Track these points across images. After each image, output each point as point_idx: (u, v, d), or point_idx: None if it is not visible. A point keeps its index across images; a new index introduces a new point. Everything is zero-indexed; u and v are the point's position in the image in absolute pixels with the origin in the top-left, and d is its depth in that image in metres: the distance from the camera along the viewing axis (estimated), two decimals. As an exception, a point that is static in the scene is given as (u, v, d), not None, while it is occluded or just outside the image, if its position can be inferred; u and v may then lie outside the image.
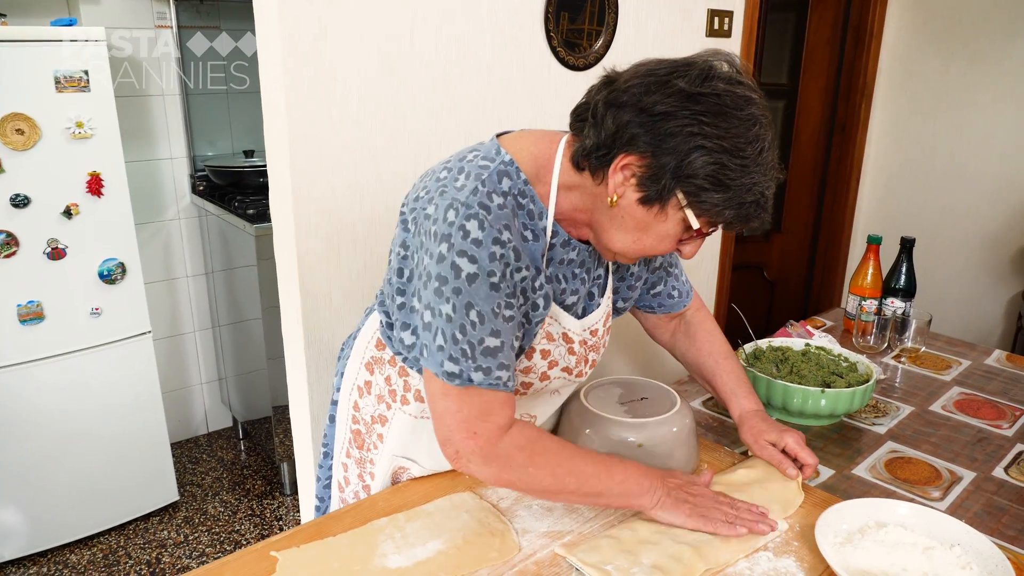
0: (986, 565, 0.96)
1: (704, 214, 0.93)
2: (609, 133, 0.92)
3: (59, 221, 2.28)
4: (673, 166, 0.89)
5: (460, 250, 0.93)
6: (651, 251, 1.00)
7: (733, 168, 0.88)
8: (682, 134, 0.88)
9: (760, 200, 0.92)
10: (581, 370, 1.15)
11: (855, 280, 1.91)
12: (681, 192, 0.91)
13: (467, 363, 0.95)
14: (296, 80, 1.44)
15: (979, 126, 2.94)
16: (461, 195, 0.95)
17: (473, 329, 0.94)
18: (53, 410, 2.41)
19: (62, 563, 2.50)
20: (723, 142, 0.88)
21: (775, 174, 0.93)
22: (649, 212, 0.94)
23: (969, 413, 1.52)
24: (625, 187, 0.94)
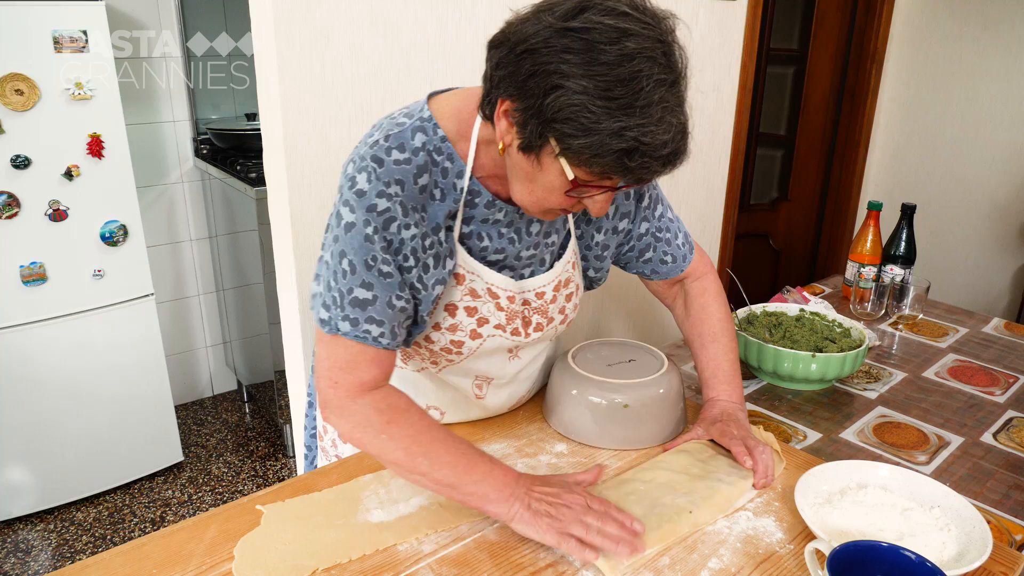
0: (964, 527, 0.96)
1: (578, 163, 0.84)
2: (488, 75, 0.88)
3: (60, 183, 2.29)
4: (536, 108, 0.81)
5: (345, 199, 0.94)
6: (546, 203, 0.92)
7: (595, 110, 0.78)
8: (541, 72, 0.80)
9: (638, 147, 0.80)
10: (517, 328, 1.11)
11: (854, 247, 1.89)
12: (552, 138, 0.83)
13: (336, 311, 0.95)
14: (288, 41, 1.43)
15: (990, 94, 2.89)
16: (363, 149, 0.95)
17: (343, 278, 0.94)
18: (58, 370, 2.44)
19: (69, 520, 2.55)
20: (585, 81, 0.78)
21: (668, 118, 0.80)
22: (529, 161, 0.87)
23: (962, 380, 1.51)
24: (509, 135, 0.88)
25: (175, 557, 0.93)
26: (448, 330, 1.07)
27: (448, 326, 1.07)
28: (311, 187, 1.53)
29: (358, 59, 1.51)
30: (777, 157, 3.32)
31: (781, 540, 0.98)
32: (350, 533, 0.98)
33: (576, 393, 1.19)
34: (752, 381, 1.50)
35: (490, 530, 0.99)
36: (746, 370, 1.53)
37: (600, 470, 1.05)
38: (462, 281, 1.04)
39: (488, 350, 1.12)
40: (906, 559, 0.84)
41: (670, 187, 2.26)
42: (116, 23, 2.64)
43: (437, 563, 0.93)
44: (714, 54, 2.23)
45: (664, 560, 0.94)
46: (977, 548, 0.91)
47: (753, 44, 2.32)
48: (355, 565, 0.92)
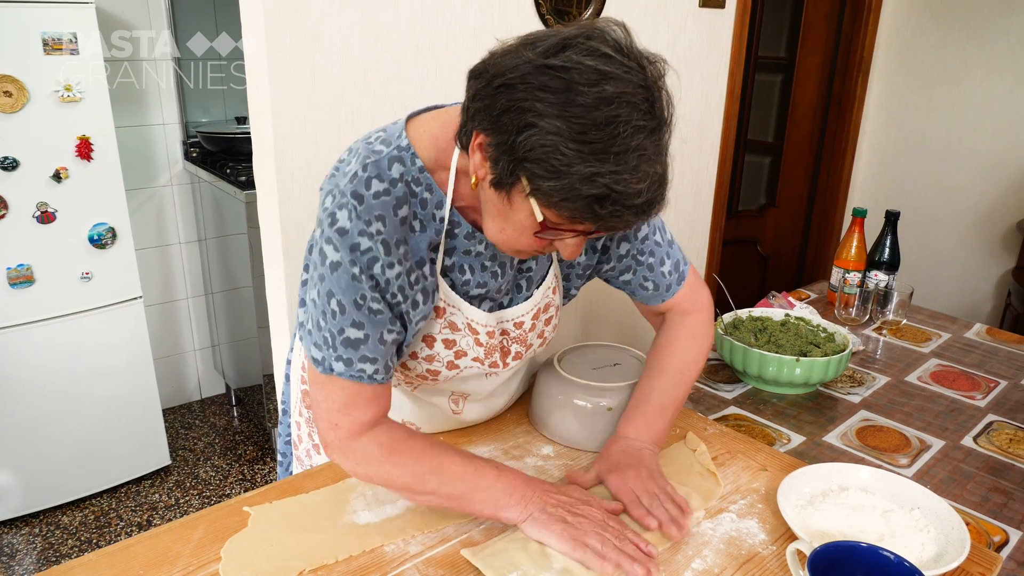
0: (943, 528, 0.98)
1: (550, 206, 0.79)
2: (465, 108, 0.85)
3: (48, 185, 2.28)
4: (508, 145, 0.78)
5: (327, 237, 0.90)
6: (517, 243, 0.89)
7: (567, 153, 0.75)
8: (516, 109, 0.76)
9: (609, 195, 0.76)
10: (495, 360, 1.08)
11: (839, 253, 1.91)
12: (524, 177, 0.79)
13: (329, 351, 0.94)
14: (279, 44, 1.44)
15: (974, 102, 2.92)
16: (342, 181, 0.90)
17: (334, 318, 0.92)
18: (45, 373, 2.43)
19: (54, 524, 2.54)
20: (559, 122, 0.74)
21: (644, 166, 0.76)
22: (501, 198, 0.83)
23: (944, 384, 1.53)
24: (483, 168, 0.84)
25: (162, 558, 0.93)
26: (425, 360, 1.05)
27: (425, 356, 1.04)
28: (300, 191, 1.54)
29: (348, 64, 1.52)
30: (765, 164, 3.35)
31: (764, 541, 0.99)
32: (337, 534, 0.99)
33: (561, 397, 1.20)
34: (737, 385, 1.51)
35: (476, 531, 1.00)
36: (731, 374, 1.55)
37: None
38: (441, 314, 1.02)
39: (463, 378, 1.11)
40: (885, 559, 0.85)
41: (658, 193, 2.27)
42: (106, 25, 2.64)
43: (423, 564, 0.94)
44: (702, 61, 2.25)
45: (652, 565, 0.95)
46: (955, 549, 0.92)
47: (741, 52, 2.34)
48: (342, 566, 0.93)
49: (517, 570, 0.90)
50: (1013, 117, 2.83)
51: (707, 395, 1.47)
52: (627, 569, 0.89)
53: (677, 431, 1.26)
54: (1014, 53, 2.78)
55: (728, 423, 1.35)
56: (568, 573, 0.90)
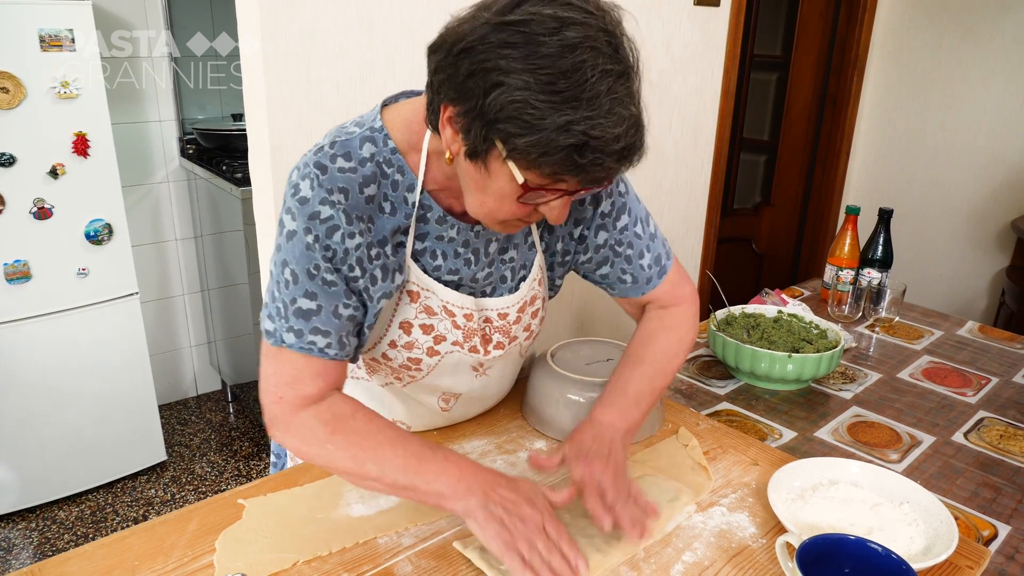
0: (932, 522, 0.99)
1: (529, 166, 0.78)
2: (428, 85, 0.84)
3: (45, 181, 2.29)
4: (478, 110, 0.77)
5: (287, 207, 0.90)
6: (500, 213, 0.87)
7: (539, 106, 0.73)
8: (480, 71, 0.75)
9: (587, 142, 0.74)
10: (475, 345, 1.07)
11: (833, 250, 1.92)
12: (498, 140, 0.77)
13: (280, 322, 0.92)
14: (274, 41, 1.45)
15: (969, 101, 2.94)
16: (307, 155, 0.91)
17: (286, 288, 0.92)
18: (41, 368, 2.44)
19: (51, 519, 2.54)
20: (525, 75, 0.73)
21: (618, 109, 0.75)
22: (478, 168, 0.82)
23: (936, 381, 1.54)
24: (456, 142, 0.83)
25: (157, 549, 0.94)
26: (404, 348, 1.04)
27: (404, 344, 1.04)
28: (296, 187, 1.54)
29: (344, 59, 1.53)
30: (760, 162, 3.36)
31: (754, 534, 1.00)
32: (331, 526, 0.99)
33: (555, 391, 1.21)
34: (729, 381, 1.52)
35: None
36: (723, 370, 1.56)
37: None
38: (416, 299, 1.01)
39: (450, 366, 1.09)
40: (873, 552, 0.86)
41: (653, 189, 2.29)
42: (103, 22, 2.64)
43: (416, 556, 0.94)
44: (697, 59, 2.26)
45: (639, 554, 0.96)
46: (943, 542, 0.93)
47: (736, 50, 2.35)
48: (335, 557, 0.94)
49: None
50: (1007, 116, 2.84)
51: (699, 391, 1.48)
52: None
53: (669, 426, 1.27)
54: (1009, 52, 2.80)
55: (720, 419, 1.36)
56: None
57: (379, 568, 0.92)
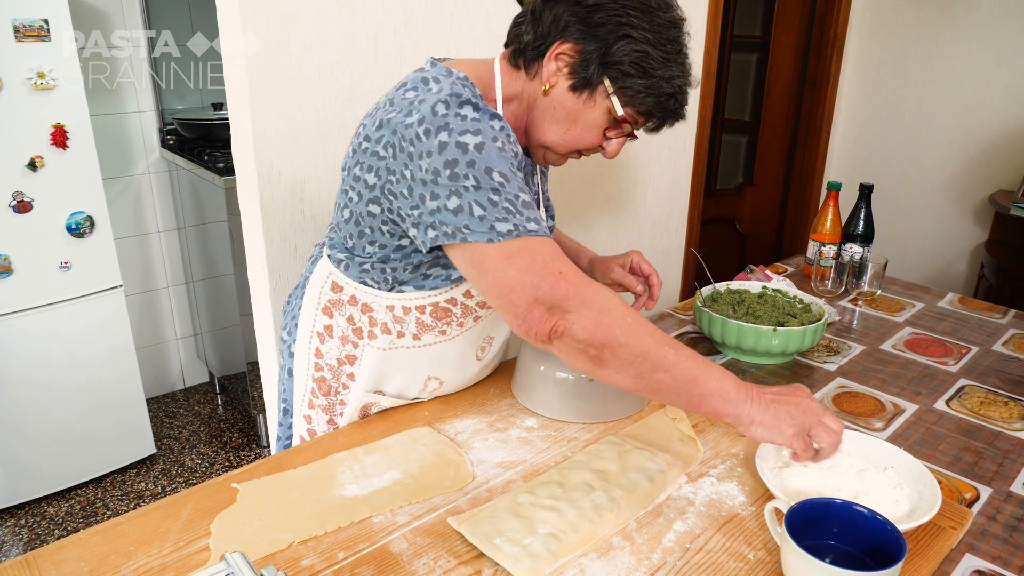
0: (916, 485, 1.01)
1: (628, 102, 1.01)
2: (546, 25, 1.01)
3: (24, 174, 2.27)
4: (601, 52, 0.98)
5: (461, 130, 0.92)
6: (580, 142, 1.06)
7: (655, 58, 0.98)
8: (610, 23, 0.97)
9: (678, 94, 1.02)
10: None
11: (815, 226, 1.94)
12: (607, 79, 1.00)
13: (518, 217, 0.92)
14: (255, 25, 1.44)
15: (947, 77, 2.96)
16: (443, 94, 0.95)
17: (504, 187, 0.93)
18: (26, 363, 2.42)
19: (40, 515, 2.53)
20: (647, 33, 0.97)
21: (691, 77, 1.04)
22: (579, 99, 1.02)
23: (918, 351, 1.57)
24: (558, 76, 1.02)
25: (152, 535, 0.94)
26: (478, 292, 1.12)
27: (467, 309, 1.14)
28: (280, 173, 1.54)
29: (325, 44, 1.52)
30: (742, 143, 3.38)
31: (743, 503, 1.02)
32: (325, 507, 1.00)
33: (544, 369, 1.22)
34: (716, 356, 1.54)
35: (463, 500, 1.02)
36: (710, 346, 1.58)
37: None
38: None
39: (473, 336, 1.19)
40: (859, 514, 0.88)
41: (639, 170, 2.30)
42: (78, 14, 2.61)
43: (411, 533, 0.95)
44: (677, 40, 2.26)
45: (631, 524, 0.97)
46: (927, 504, 0.95)
47: (716, 31, 2.36)
48: (331, 537, 0.94)
49: (501, 536, 0.92)
50: (985, 91, 2.87)
51: (687, 367, 1.49)
52: None
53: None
54: (985, 27, 2.82)
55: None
56: (554, 538, 0.92)
57: (375, 546, 0.93)
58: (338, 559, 0.91)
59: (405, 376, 1.22)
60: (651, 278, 1.32)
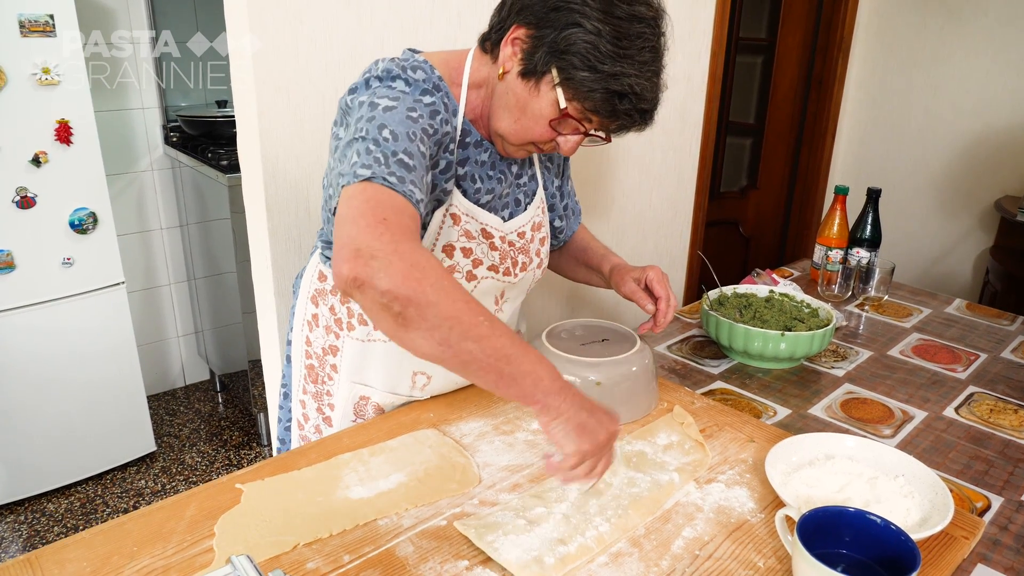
0: (927, 494, 1.00)
1: (574, 96, 0.96)
2: (507, 7, 1.00)
3: (28, 169, 2.25)
4: (551, 39, 0.94)
5: (381, 94, 0.96)
6: (529, 133, 1.02)
7: (604, 52, 0.92)
8: (565, 8, 0.93)
9: (628, 94, 0.94)
10: (508, 268, 1.18)
11: (822, 230, 1.93)
12: (555, 68, 0.95)
13: (380, 167, 0.87)
14: (262, 22, 1.43)
15: (953, 81, 2.95)
16: (377, 70, 1.00)
17: (387, 142, 0.90)
18: (27, 360, 2.41)
19: (39, 511, 2.52)
20: (601, 24, 0.92)
21: (655, 79, 0.96)
22: (527, 87, 0.98)
23: (926, 358, 1.56)
24: (512, 61, 0.99)
25: (156, 535, 0.93)
26: None
27: (447, 268, 1.10)
28: (286, 170, 1.53)
29: (332, 41, 1.52)
30: (746, 146, 3.37)
31: (752, 509, 1.01)
32: (330, 509, 0.99)
33: (552, 371, 1.21)
34: (723, 360, 1.53)
35: (469, 504, 1.01)
36: (717, 350, 1.57)
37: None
38: (458, 222, 1.09)
39: (479, 295, 1.16)
40: (872, 523, 0.87)
41: (642, 173, 2.29)
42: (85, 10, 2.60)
43: (417, 536, 0.94)
44: (684, 43, 2.25)
45: (640, 530, 0.96)
46: (940, 513, 0.94)
47: (722, 33, 2.35)
48: (336, 540, 0.93)
49: (508, 541, 0.91)
50: (991, 96, 2.86)
51: (693, 370, 1.49)
52: None
53: (664, 405, 1.27)
54: (992, 32, 2.81)
55: (715, 398, 1.37)
56: (562, 544, 0.91)
57: (380, 549, 0.92)
58: (343, 562, 0.90)
59: (389, 369, 1.21)
60: (659, 302, 1.26)
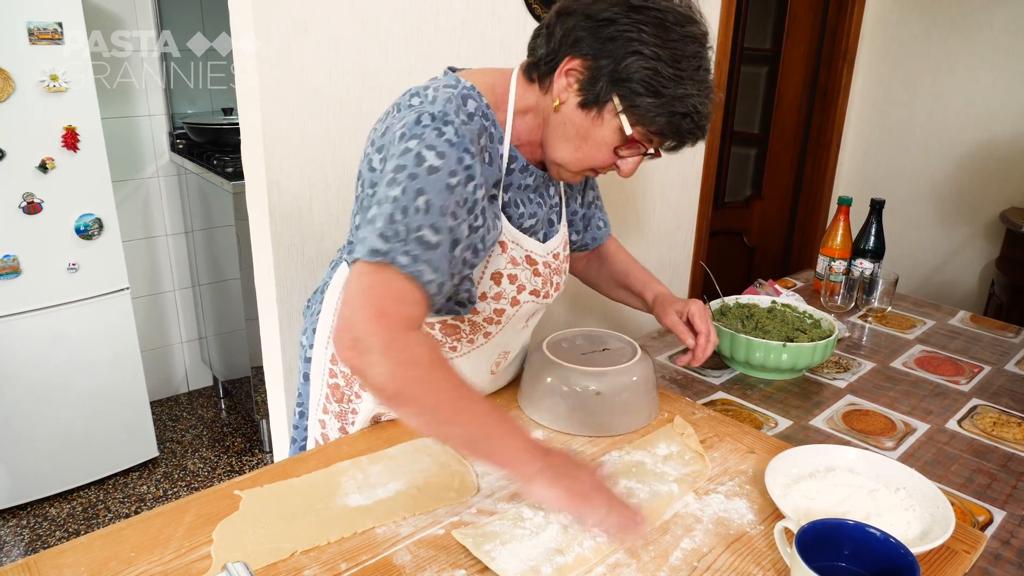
0: (928, 507, 0.99)
1: (638, 122, 0.97)
2: (557, 39, 0.99)
3: (34, 175, 2.27)
4: (610, 69, 0.94)
5: (429, 144, 0.92)
6: (591, 161, 1.03)
7: (666, 76, 0.93)
8: (621, 38, 0.93)
9: (692, 114, 0.96)
10: (547, 291, 1.19)
11: (825, 241, 1.93)
12: (617, 96, 0.96)
13: (397, 244, 0.89)
14: (267, 31, 1.44)
15: (958, 93, 2.95)
16: (433, 107, 0.96)
17: (416, 214, 0.90)
18: (31, 364, 2.42)
19: (42, 516, 2.53)
20: (659, 50, 0.92)
21: (711, 95, 0.98)
22: (587, 117, 0.99)
23: (929, 369, 1.55)
24: (568, 92, 0.99)
25: (154, 541, 0.94)
26: (493, 299, 1.12)
27: (494, 295, 1.12)
28: (289, 179, 1.53)
29: (337, 51, 1.52)
30: (751, 155, 3.37)
31: (752, 521, 1.01)
32: (329, 516, 0.99)
33: (551, 381, 1.21)
34: (724, 371, 1.53)
35: (467, 514, 1.00)
36: (718, 360, 1.56)
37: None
38: (505, 249, 1.09)
39: (519, 318, 1.19)
40: (871, 536, 0.86)
41: (645, 183, 2.29)
42: (92, 17, 2.61)
43: (415, 545, 0.94)
44: (689, 52, 2.25)
45: (638, 541, 0.96)
46: (940, 527, 0.94)
47: (727, 43, 2.35)
48: (333, 547, 0.93)
49: (506, 550, 0.91)
50: (996, 108, 2.86)
51: (694, 380, 1.48)
52: (618, 535, 0.92)
53: (665, 415, 1.27)
54: (997, 44, 2.81)
55: (716, 408, 1.36)
56: (559, 554, 0.91)
57: (378, 558, 0.92)
58: (340, 570, 0.90)
59: None
60: (699, 337, 1.29)
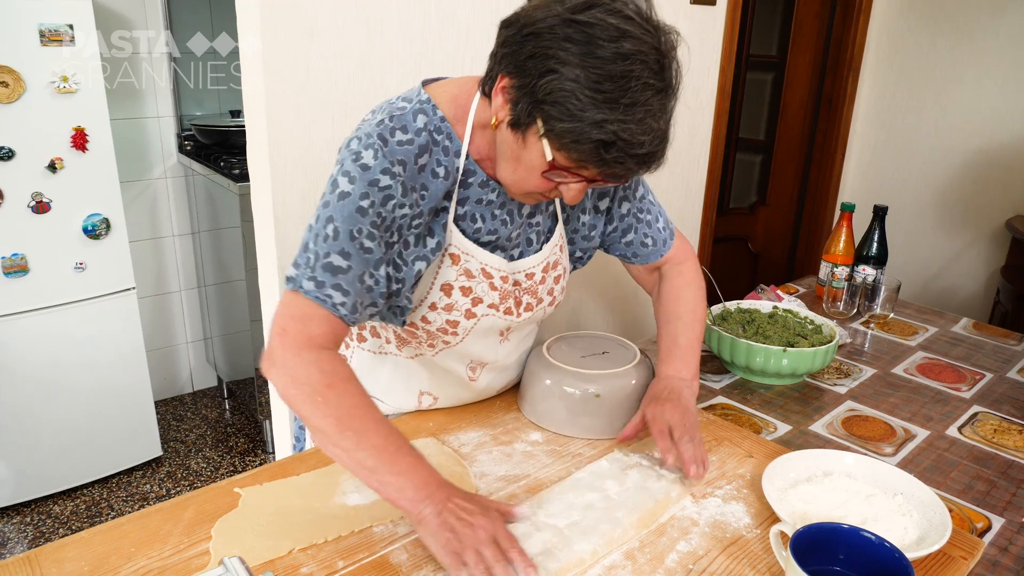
0: (925, 513, 0.99)
1: (560, 148, 0.88)
2: (493, 53, 0.94)
3: (44, 175, 2.29)
4: (530, 87, 0.86)
5: (346, 171, 0.95)
6: (527, 184, 0.96)
7: (582, 99, 0.83)
8: (540, 55, 0.85)
9: (616, 142, 0.84)
10: (510, 307, 1.14)
11: (828, 247, 1.93)
12: (540, 119, 0.87)
13: (305, 271, 0.94)
14: (274, 36, 1.45)
15: (963, 101, 2.95)
16: (367, 127, 0.98)
17: (324, 242, 0.94)
18: (37, 362, 2.44)
19: (46, 513, 2.54)
20: (578, 70, 0.82)
21: (649, 120, 0.84)
22: (516, 138, 0.92)
23: (930, 376, 1.55)
24: (503, 111, 0.92)
25: (153, 536, 0.94)
26: (444, 310, 1.09)
27: (444, 306, 1.09)
28: (294, 182, 1.55)
29: (342, 55, 1.53)
30: (756, 162, 3.37)
31: (748, 525, 1.01)
32: (327, 515, 1.00)
33: (550, 383, 1.22)
34: (725, 376, 1.53)
35: (465, 513, 1.01)
36: (719, 364, 1.56)
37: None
38: (457, 261, 1.07)
39: (481, 331, 1.14)
40: (866, 540, 0.87)
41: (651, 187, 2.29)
42: (103, 20, 2.64)
43: (411, 544, 0.95)
44: (693, 58, 2.26)
45: (634, 543, 0.96)
46: (937, 533, 0.94)
47: (732, 50, 2.36)
48: (331, 545, 0.94)
49: None
50: (1001, 116, 2.85)
51: (696, 385, 1.48)
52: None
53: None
54: (1003, 53, 2.81)
55: (716, 412, 1.37)
56: (554, 556, 0.92)
57: (374, 556, 0.93)
58: (337, 568, 0.90)
59: (396, 385, 1.23)
60: (683, 461, 1.07)
